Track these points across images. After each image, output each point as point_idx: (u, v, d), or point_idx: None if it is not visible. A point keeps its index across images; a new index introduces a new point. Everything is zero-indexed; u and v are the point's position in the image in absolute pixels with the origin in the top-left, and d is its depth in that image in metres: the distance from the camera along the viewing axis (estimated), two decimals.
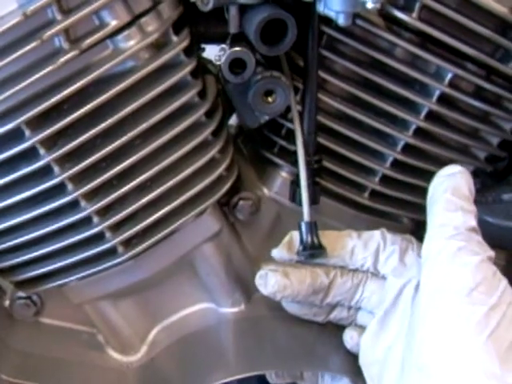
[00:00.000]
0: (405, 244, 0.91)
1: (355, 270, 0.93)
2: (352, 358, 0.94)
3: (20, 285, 0.94)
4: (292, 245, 0.93)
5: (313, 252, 0.91)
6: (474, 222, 0.79)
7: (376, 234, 0.92)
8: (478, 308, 0.71)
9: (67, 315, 1.01)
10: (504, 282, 0.75)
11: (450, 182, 0.83)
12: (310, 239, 0.91)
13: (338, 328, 0.97)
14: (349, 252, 0.92)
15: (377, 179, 0.98)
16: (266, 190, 1.01)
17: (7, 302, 0.99)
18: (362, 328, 0.94)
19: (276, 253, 0.93)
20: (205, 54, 0.95)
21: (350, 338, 0.94)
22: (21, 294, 0.98)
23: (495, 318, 0.71)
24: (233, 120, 1.09)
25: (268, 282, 0.91)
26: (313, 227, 0.92)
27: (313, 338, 0.96)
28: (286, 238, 0.93)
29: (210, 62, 0.92)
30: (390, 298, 0.89)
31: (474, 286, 0.73)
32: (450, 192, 0.81)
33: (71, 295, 0.96)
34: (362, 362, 0.92)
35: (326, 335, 0.96)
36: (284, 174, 1.00)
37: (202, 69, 0.89)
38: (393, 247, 0.91)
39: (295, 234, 0.93)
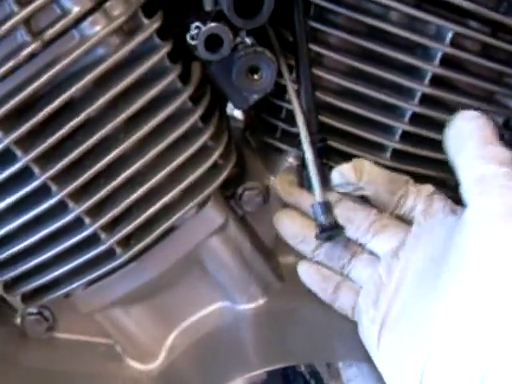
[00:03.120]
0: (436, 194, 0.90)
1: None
2: None
3: (25, 298, 0.92)
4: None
5: (331, 233, 0.88)
6: None
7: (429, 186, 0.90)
8: None
9: (82, 328, 0.98)
10: None
11: (479, 121, 0.81)
12: (327, 220, 0.88)
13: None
14: (402, 191, 0.90)
15: (388, 155, 0.93)
16: (273, 179, 0.96)
17: (18, 320, 0.96)
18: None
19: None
20: None
21: None
22: (31, 310, 0.95)
23: None
24: (239, 114, 1.06)
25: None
26: (327, 207, 0.88)
27: (331, 329, 0.93)
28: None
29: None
30: (414, 237, 0.88)
31: None
32: (482, 129, 0.80)
33: (79, 305, 0.93)
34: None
35: (345, 326, 0.92)
36: (290, 160, 0.96)
37: (187, 55, 0.85)
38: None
39: None
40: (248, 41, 0.83)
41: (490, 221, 0.74)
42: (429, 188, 0.89)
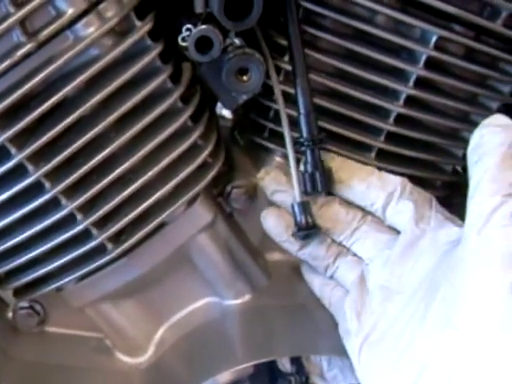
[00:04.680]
0: (423, 197, 0.88)
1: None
2: None
3: (17, 292, 0.94)
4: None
5: (308, 233, 0.89)
6: None
7: (397, 179, 0.89)
8: None
9: (73, 322, 1.00)
10: None
11: (507, 134, 0.76)
12: (304, 220, 0.89)
13: None
14: (364, 185, 0.89)
15: (373, 155, 0.94)
16: (260, 175, 0.98)
17: (10, 314, 0.98)
18: None
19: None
20: None
21: None
22: (22, 304, 0.97)
23: None
24: (228, 113, 1.08)
25: None
26: (306, 207, 0.89)
27: (316, 324, 0.95)
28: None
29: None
30: (400, 247, 0.87)
31: None
32: (506, 146, 0.74)
33: (70, 299, 0.94)
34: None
35: (330, 321, 0.93)
36: (278, 159, 0.97)
37: (178, 56, 0.86)
38: (411, 197, 0.88)
39: None
40: (237, 42, 0.84)
41: (488, 271, 0.71)
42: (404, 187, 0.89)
